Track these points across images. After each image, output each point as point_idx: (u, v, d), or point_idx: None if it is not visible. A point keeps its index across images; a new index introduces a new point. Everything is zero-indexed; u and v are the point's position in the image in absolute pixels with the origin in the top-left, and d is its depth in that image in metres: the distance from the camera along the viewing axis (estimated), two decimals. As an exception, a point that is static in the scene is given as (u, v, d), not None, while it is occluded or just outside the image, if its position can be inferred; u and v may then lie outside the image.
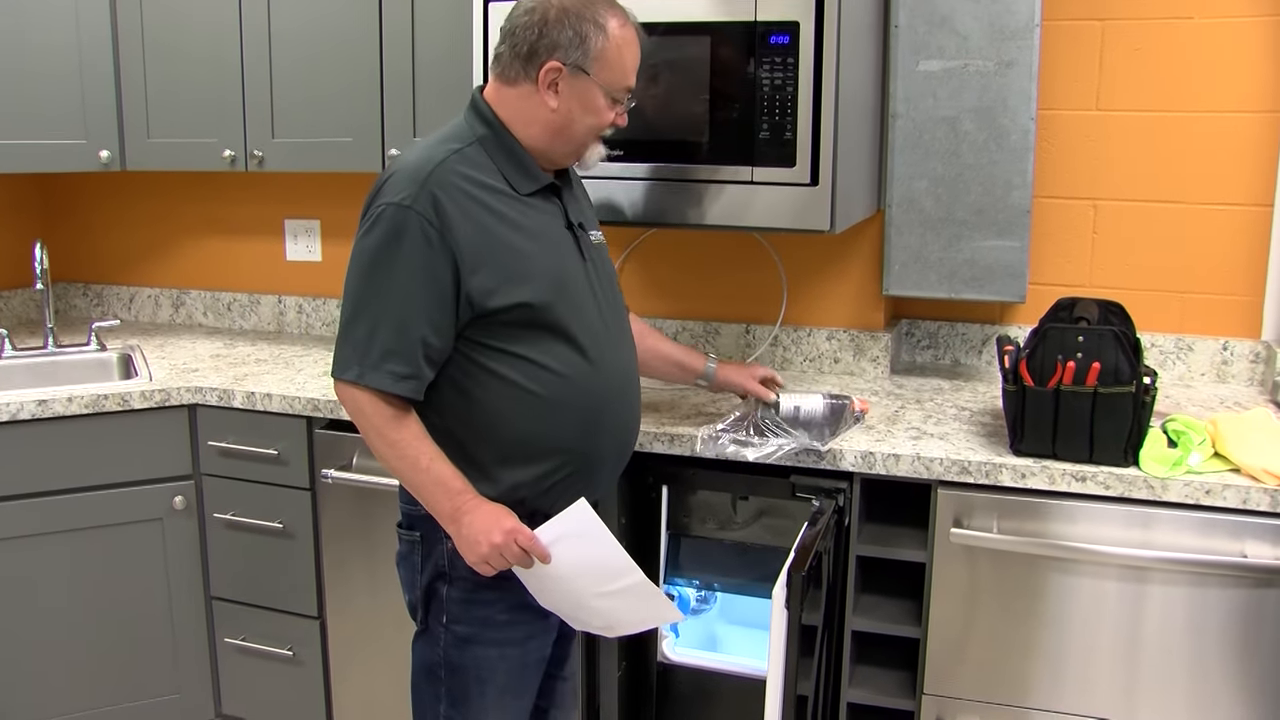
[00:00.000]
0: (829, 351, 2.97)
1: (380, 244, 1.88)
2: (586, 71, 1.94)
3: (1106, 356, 2.14)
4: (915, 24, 2.67)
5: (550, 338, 1.95)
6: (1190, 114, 2.73)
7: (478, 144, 1.97)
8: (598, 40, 1.94)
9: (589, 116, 1.98)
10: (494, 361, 1.94)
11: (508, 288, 1.91)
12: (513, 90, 1.98)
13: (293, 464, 2.80)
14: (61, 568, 2.82)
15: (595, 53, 1.94)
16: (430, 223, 1.87)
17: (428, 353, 1.90)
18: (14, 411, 2.71)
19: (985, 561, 2.27)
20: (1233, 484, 2.10)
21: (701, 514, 2.62)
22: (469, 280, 1.89)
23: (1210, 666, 2.17)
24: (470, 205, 1.90)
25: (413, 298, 1.87)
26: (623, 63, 1.98)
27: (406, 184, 1.89)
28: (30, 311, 3.74)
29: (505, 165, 1.97)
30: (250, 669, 2.97)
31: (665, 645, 2.67)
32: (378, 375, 1.89)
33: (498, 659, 2.06)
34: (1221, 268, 2.77)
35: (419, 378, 1.91)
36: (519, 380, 1.94)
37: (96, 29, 3.12)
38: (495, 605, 2.04)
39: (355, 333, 1.90)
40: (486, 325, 1.92)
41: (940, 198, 2.71)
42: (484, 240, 1.90)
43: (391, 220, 1.88)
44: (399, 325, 1.88)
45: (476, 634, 2.05)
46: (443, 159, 1.92)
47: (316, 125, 3.02)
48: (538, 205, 2.00)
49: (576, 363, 1.97)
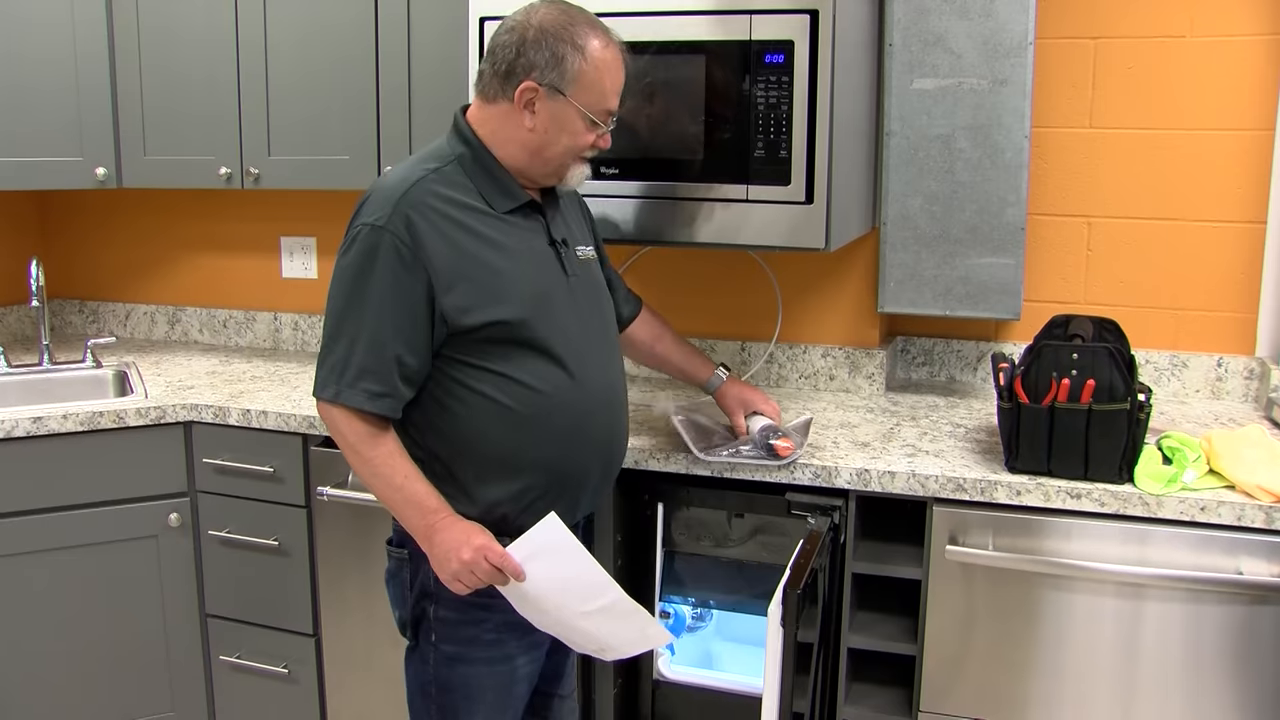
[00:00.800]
0: (824, 369, 2.98)
1: (356, 264, 1.90)
2: (563, 93, 1.94)
3: (1101, 374, 2.14)
4: (909, 42, 2.68)
5: (529, 354, 1.96)
6: (1183, 131, 2.74)
7: (456, 163, 1.98)
8: (575, 62, 1.93)
9: (565, 137, 1.98)
10: (473, 379, 1.94)
11: (483, 306, 1.92)
12: (493, 109, 1.99)
13: (288, 481, 2.79)
14: (56, 585, 2.81)
15: (572, 74, 1.94)
16: (403, 242, 1.88)
17: (404, 372, 1.91)
18: (9, 429, 2.71)
19: (981, 579, 2.27)
20: (1228, 501, 2.11)
21: (697, 531, 2.62)
22: (444, 299, 1.90)
23: (1206, 683, 2.17)
24: (445, 224, 1.91)
25: (387, 317, 1.89)
26: (601, 85, 1.97)
27: (381, 205, 1.91)
28: (26, 328, 3.74)
29: (483, 183, 1.98)
30: (245, 687, 2.96)
31: (661, 663, 2.66)
32: (353, 394, 1.91)
33: (487, 677, 2.06)
34: (1215, 284, 2.78)
35: (395, 396, 1.92)
36: (498, 397, 1.94)
37: (93, 46, 3.13)
38: (483, 624, 2.04)
39: (333, 352, 1.93)
40: (464, 343, 1.93)
41: (935, 215, 2.72)
42: (459, 258, 1.91)
43: (366, 241, 1.90)
44: (374, 345, 1.89)
45: (464, 653, 2.05)
46: (418, 179, 1.93)
47: (312, 143, 3.02)
48: (517, 223, 2.00)
49: (557, 379, 1.98)
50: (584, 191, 2.48)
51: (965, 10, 2.63)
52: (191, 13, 3.08)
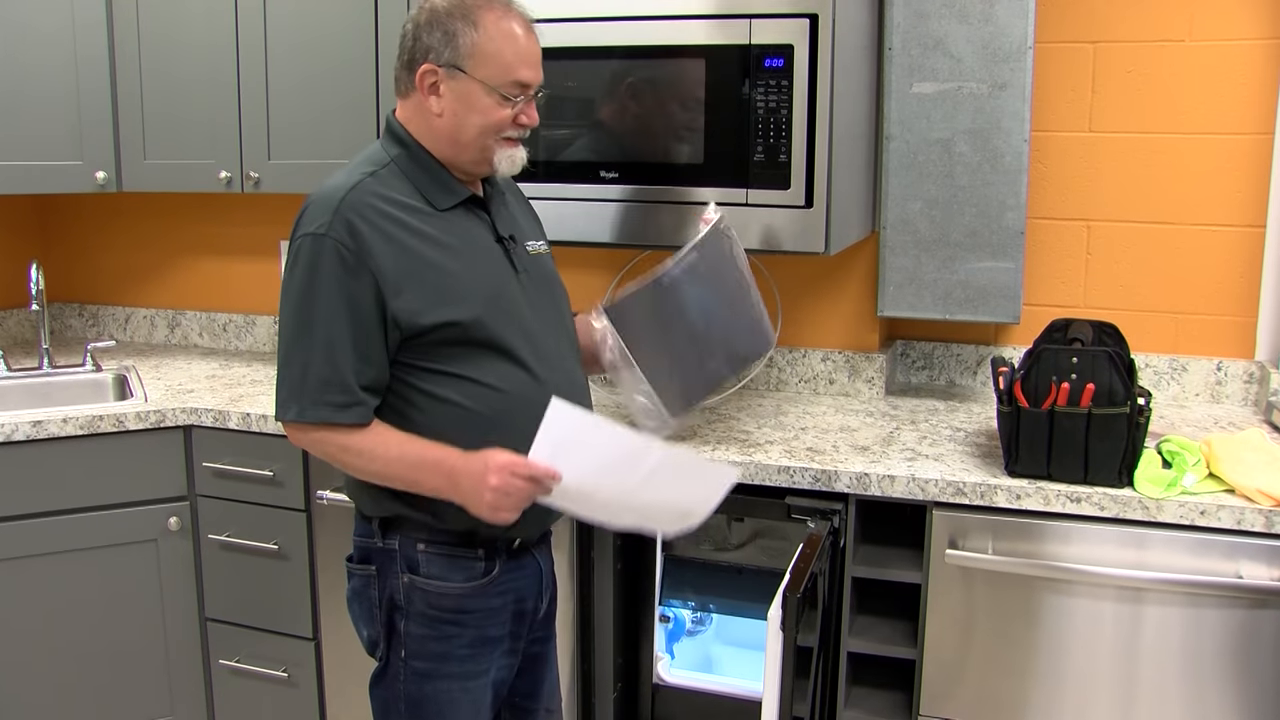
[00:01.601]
0: (824, 373, 2.98)
1: (302, 277, 1.86)
2: (462, 69, 1.89)
3: (1101, 377, 2.15)
4: (909, 47, 2.68)
5: (487, 354, 1.91)
6: (1182, 135, 2.74)
7: (393, 164, 1.94)
8: (468, 35, 1.88)
9: (475, 116, 1.91)
10: (431, 383, 1.90)
11: (435, 307, 1.87)
12: (409, 103, 1.96)
13: (288, 485, 2.79)
14: (56, 589, 2.81)
15: (467, 49, 1.88)
16: (347, 248, 1.84)
17: (362, 380, 1.87)
18: (9, 433, 2.71)
19: (981, 582, 2.27)
20: (1227, 505, 2.11)
21: (697, 536, 2.62)
22: (394, 302, 1.85)
23: (1206, 687, 2.17)
24: (388, 226, 1.87)
25: (340, 327, 1.84)
26: (501, 55, 1.89)
27: (321, 212, 1.86)
28: (26, 332, 3.74)
29: (422, 182, 1.94)
30: (245, 691, 2.96)
31: (660, 667, 2.66)
32: (317, 409, 1.87)
33: (460, 692, 2.01)
34: (1215, 288, 2.78)
35: (362, 404, 1.87)
36: (459, 400, 1.90)
37: (93, 51, 3.13)
38: (455, 640, 1.99)
39: (290, 371, 1.89)
40: (420, 347, 1.89)
41: (935, 219, 2.72)
42: (405, 261, 1.87)
43: (309, 251, 1.86)
44: (329, 356, 1.85)
45: (436, 669, 1.99)
46: (355, 183, 1.89)
47: (312, 147, 3.02)
48: (460, 220, 1.96)
49: (518, 377, 1.93)
50: (585, 195, 2.49)
51: (965, 14, 2.63)
52: (191, 17, 3.08)
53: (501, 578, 2.01)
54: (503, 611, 2.03)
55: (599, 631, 2.58)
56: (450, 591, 1.98)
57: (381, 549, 2.00)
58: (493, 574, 2.00)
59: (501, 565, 2.00)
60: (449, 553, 1.97)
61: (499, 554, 2.00)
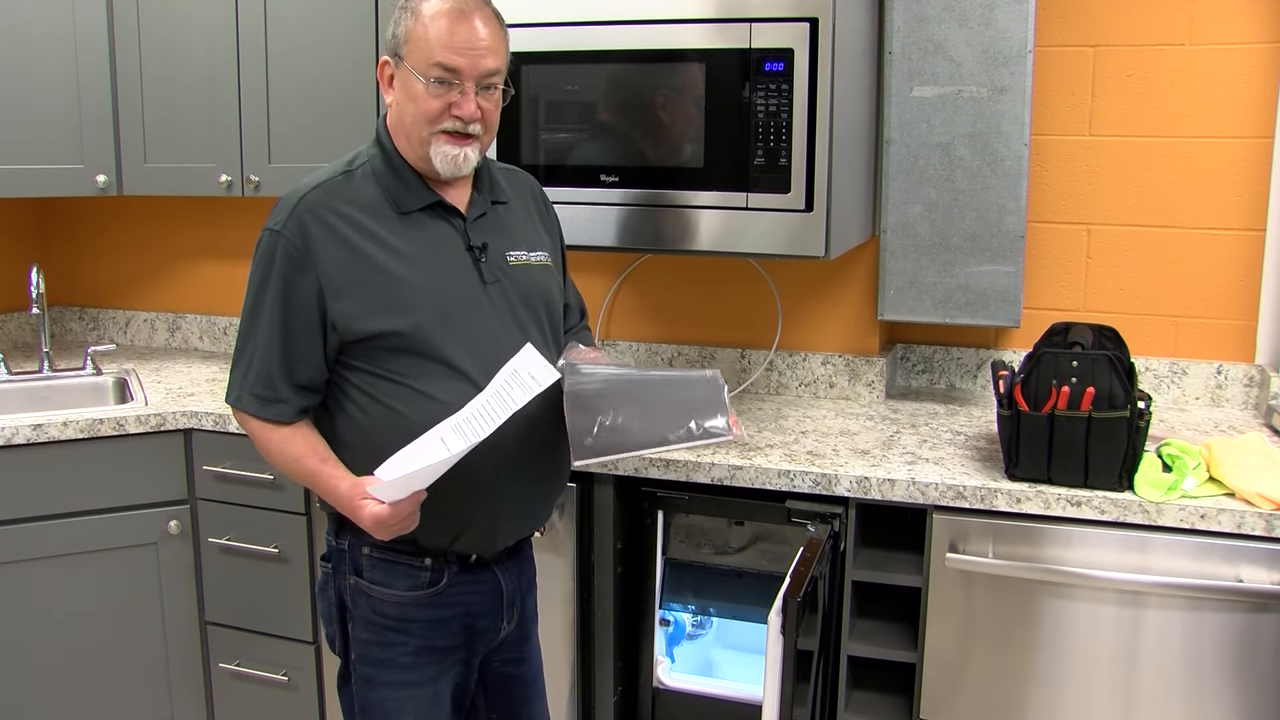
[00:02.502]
0: (824, 376, 2.98)
1: (257, 270, 1.90)
2: (401, 57, 1.88)
3: (1101, 381, 2.15)
4: (909, 51, 2.68)
5: (427, 363, 1.87)
6: (1182, 139, 2.75)
7: (367, 165, 1.94)
8: (407, 23, 1.86)
9: (410, 104, 1.88)
10: (371, 386, 1.89)
11: (376, 314, 1.86)
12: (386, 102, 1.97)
13: (288, 489, 2.79)
14: (56, 592, 2.81)
15: (404, 36, 1.87)
16: (295, 247, 1.85)
17: (294, 379, 1.88)
18: (9, 436, 2.71)
19: (981, 586, 2.27)
20: (1228, 508, 2.11)
21: (697, 539, 2.62)
22: (334, 306, 1.85)
23: (1207, 691, 2.17)
24: (342, 226, 1.87)
25: (279, 324, 1.87)
26: (428, 40, 1.83)
27: (281, 209, 1.89)
28: (26, 335, 3.74)
29: (389, 185, 1.92)
30: (245, 694, 2.96)
31: (661, 671, 2.66)
32: (249, 400, 1.90)
33: (405, 700, 1.98)
34: (1215, 292, 2.78)
35: (285, 402, 1.89)
36: (398, 407, 1.87)
37: (94, 54, 3.13)
38: (398, 648, 1.97)
39: (240, 359, 1.92)
40: (361, 350, 1.88)
41: (935, 223, 2.72)
42: (352, 264, 1.86)
43: (265, 247, 1.89)
44: (267, 351, 1.88)
45: (379, 675, 1.98)
46: (321, 183, 1.90)
47: (313, 150, 3.02)
48: (425, 226, 1.93)
49: (458, 389, 1.87)
50: (585, 199, 2.49)
51: (965, 18, 2.63)
52: (192, 21, 3.08)
53: (450, 590, 1.97)
54: (451, 624, 1.99)
55: (599, 635, 2.58)
56: (392, 599, 1.95)
57: (336, 548, 2.00)
58: (439, 585, 1.96)
59: (451, 577, 1.96)
60: (393, 559, 1.95)
61: (448, 565, 1.96)
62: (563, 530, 2.53)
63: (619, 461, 2.45)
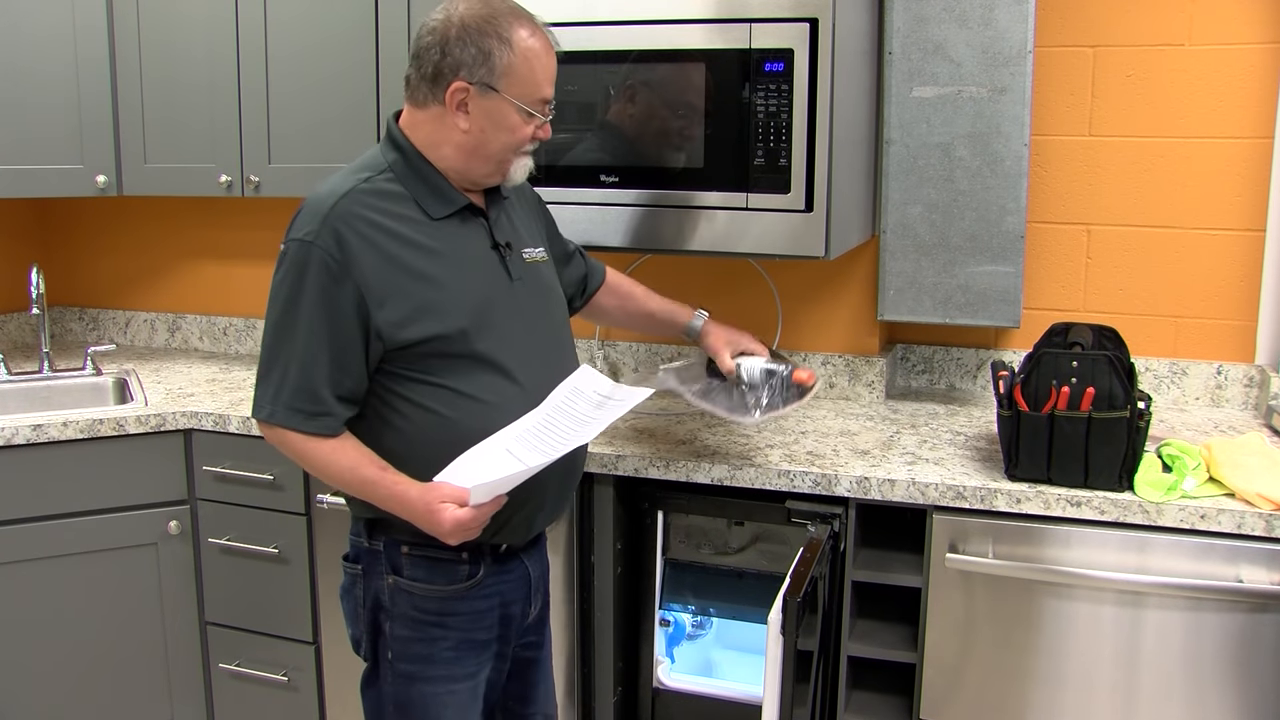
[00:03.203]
0: (824, 376, 2.98)
1: (288, 282, 1.86)
2: (495, 88, 1.88)
3: (1101, 381, 2.15)
4: (909, 51, 2.68)
5: (471, 365, 1.90)
6: (1182, 140, 2.75)
7: (389, 170, 1.93)
8: (503, 55, 1.86)
9: (502, 134, 1.91)
10: (414, 393, 1.89)
11: (419, 320, 1.87)
12: (424, 113, 1.93)
13: (288, 489, 2.79)
14: (56, 593, 2.81)
15: (502, 68, 1.87)
16: (333, 258, 1.83)
17: (337, 391, 1.87)
18: (9, 436, 2.71)
19: (981, 586, 2.27)
20: (1228, 509, 2.11)
21: (697, 539, 2.62)
22: (377, 314, 1.85)
23: (1207, 691, 2.17)
24: (377, 235, 1.86)
25: (319, 336, 1.84)
26: (533, 75, 1.90)
27: (310, 219, 1.86)
28: (26, 336, 3.74)
29: (418, 190, 1.92)
30: (245, 695, 2.96)
31: (661, 671, 2.66)
32: (288, 415, 1.87)
33: (446, 695, 2.00)
34: (1215, 292, 2.78)
35: (331, 415, 1.87)
36: (442, 410, 1.89)
37: (94, 54, 3.13)
38: (440, 642, 1.99)
39: (270, 373, 1.89)
40: (404, 357, 1.88)
41: (935, 223, 2.72)
42: (391, 271, 1.86)
43: (296, 258, 1.85)
44: (307, 364, 1.85)
45: (421, 671, 1.99)
46: (348, 190, 1.88)
47: (313, 151, 3.03)
48: (455, 228, 1.95)
49: (503, 389, 1.92)
50: (585, 200, 2.49)
51: (964, 19, 2.63)
52: (192, 21, 3.08)
53: (486, 581, 2.01)
54: (489, 615, 2.03)
55: (599, 635, 2.58)
56: (434, 594, 1.98)
57: (368, 549, 2.01)
58: (477, 577, 1.99)
59: (486, 569, 2.00)
60: (433, 555, 1.97)
61: (483, 558, 2.00)
62: (562, 530, 2.53)
63: (619, 462, 2.46)
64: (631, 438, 2.56)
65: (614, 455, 2.47)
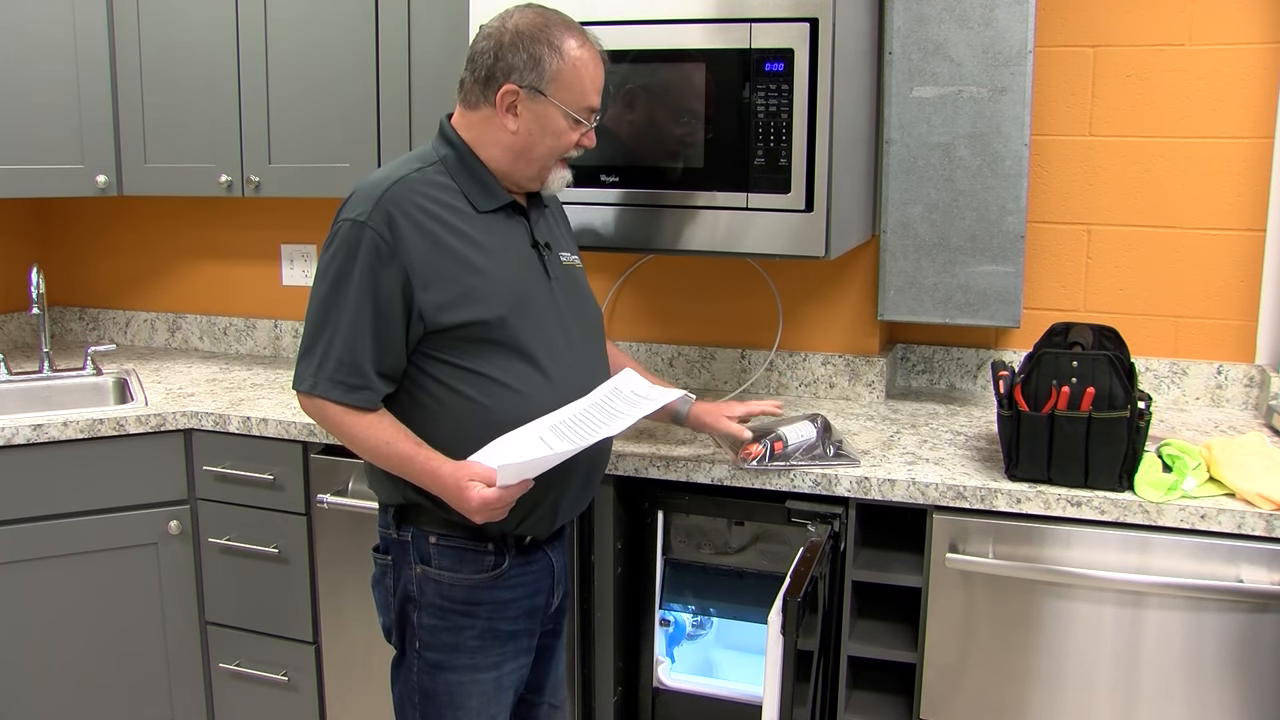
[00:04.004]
0: (824, 376, 2.98)
1: (338, 260, 1.93)
2: (544, 93, 1.96)
3: (1101, 381, 2.15)
4: (909, 51, 2.68)
5: (506, 354, 1.96)
6: (1183, 140, 2.75)
7: (440, 163, 2.00)
8: (553, 62, 1.95)
9: (548, 138, 1.99)
10: (449, 376, 1.95)
11: (461, 304, 1.93)
12: (475, 114, 2.01)
13: (288, 489, 2.79)
14: (56, 593, 2.81)
15: (551, 74, 1.95)
16: (383, 238, 1.90)
17: (379, 367, 1.93)
18: (9, 436, 2.71)
19: (981, 586, 2.27)
20: (1228, 509, 2.11)
21: (697, 539, 2.62)
22: (421, 296, 1.91)
23: (1207, 691, 2.17)
24: (426, 220, 1.93)
25: (365, 313, 1.91)
26: (581, 83, 1.98)
27: (364, 201, 1.93)
28: (26, 336, 3.74)
29: (466, 183, 1.99)
30: (245, 695, 2.96)
31: (661, 671, 2.66)
32: (329, 387, 1.93)
33: (470, 684, 2.06)
34: (1215, 292, 2.78)
35: (372, 389, 1.94)
36: (474, 395, 1.95)
37: (94, 54, 3.13)
38: (466, 631, 2.04)
39: (313, 346, 1.95)
40: (442, 340, 1.94)
41: (935, 223, 2.72)
42: (438, 256, 1.92)
43: (347, 237, 1.92)
44: (351, 339, 1.91)
45: (447, 660, 2.05)
46: (401, 176, 1.96)
47: (313, 151, 3.03)
48: (499, 223, 2.02)
49: (534, 379, 1.98)
50: (586, 200, 2.49)
51: (965, 19, 2.63)
52: (192, 21, 3.08)
53: (511, 572, 2.06)
54: (513, 606, 2.07)
55: (599, 635, 2.58)
56: (461, 583, 2.03)
57: (397, 540, 2.06)
58: (502, 568, 2.04)
59: (511, 560, 2.05)
60: (460, 545, 2.03)
61: (508, 549, 2.05)
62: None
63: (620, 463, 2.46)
64: (632, 438, 2.56)
65: (615, 455, 2.46)
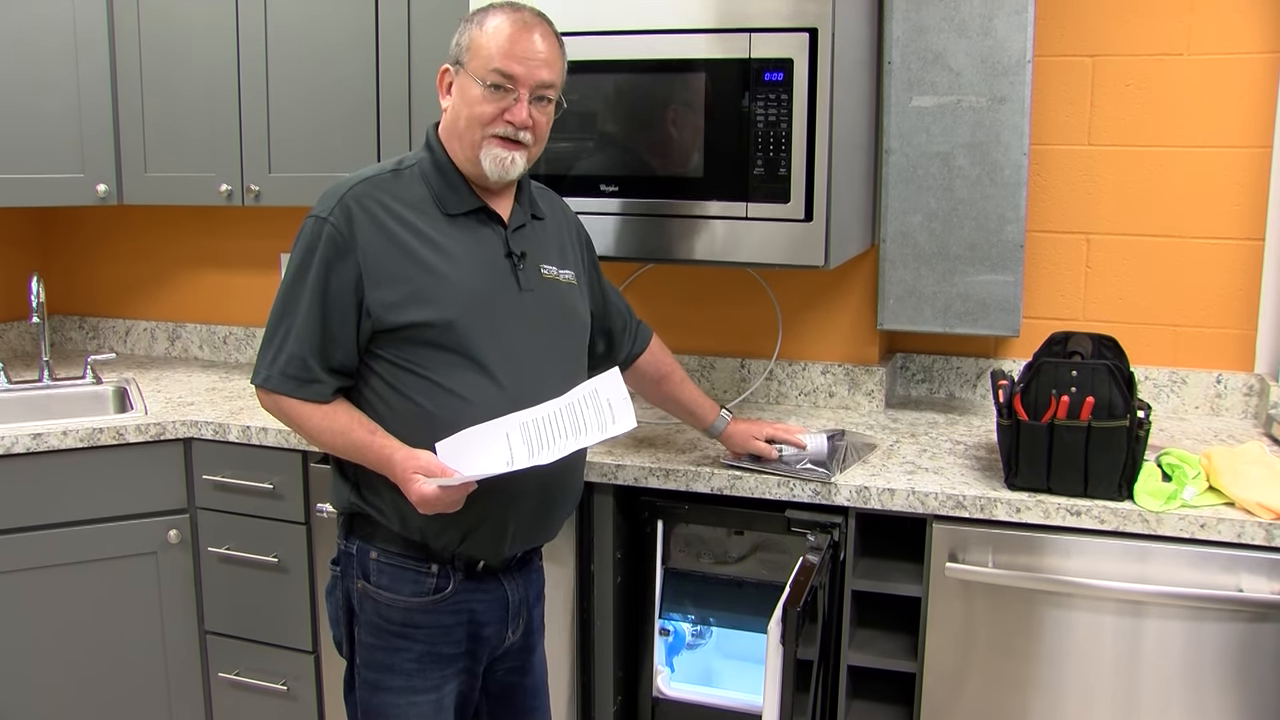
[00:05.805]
0: (824, 386, 2.98)
1: (298, 255, 1.94)
2: (462, 64, 1.96)
3: (1100, 391, 2.15)
4: (908, 60, 2.69)
5: (456, 360, 1.93)
6: (1181, 149, 2.75)
7: (416, 167, 2.01)
8: (471, 33, 1.96)
9: (465, 108, 1.96)
10: (397, 379, 1.94)
11: (409, 305, 1.91)
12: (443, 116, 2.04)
13: (288, 498, 2.79)
14: (56, 602, 2.81)
15: (466, 45, 1.96)
16: (340, 233, 1.90)
17: (329, 362, 1.93)
18: (9, 445, 2.71)
19: (981, 596, 2.26)
20: (1227, 518, 2.11)
21: (696, 548, 2.62)
22: (371, 293, 1.91)
23: (1207, 701, 2.17)
24: (387, 219, 1.93)
25: (318, 307, 1.91)
26: (489, 48, 1.93)
27: (329, 198, 1.95)
28: (26, 344, 3.74)
29: (439, 186, 1.99)
30: (244, 704, 2.95)
31: (660, 680, 2.66)
32: (281, 381, 1.94)
33: (407, 706, 2.01)
34: (1214, 301, 2.78)
35: (322, 383, 1.94)
36: (420, 400, 1.93)
37: (94, 64, 3.14)
38: (403, 654, 2.00)
39: (270, 340, 1.97)
40: (391, 340, 1.93)
41: (934, 232, 2.73)
42: (392, 254, 1.92)
43: (309, 232, 1.94)
44: (303, 334, 1.92)
45: (384, 680, 2.00)
46: (369, 176, 1.97)
47: (312, 160, 3.03)
48: (469, 229, 2.00)
49: (485, 389, 1.93)
50: (585, 209, 2.50)
51: (964, 28, 2.64)
52: (193, 31, 3.09)
53: (456, 597, 2.00)
54: (455, 630, 2.02)
55: (599, 645, 2.58)
56: (397, 604, 1.99)
57: (344, 551, 2.05)
58: (445, 592, 1.99)
59: (457, 584, 2.00)
60: (400, 564, 1.99)
61: (454, 572, 2.00)
62: (563, 539, 2.53)
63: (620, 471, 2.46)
64: (631, 447, 2.56)
65: (614, 465, 2.47)
